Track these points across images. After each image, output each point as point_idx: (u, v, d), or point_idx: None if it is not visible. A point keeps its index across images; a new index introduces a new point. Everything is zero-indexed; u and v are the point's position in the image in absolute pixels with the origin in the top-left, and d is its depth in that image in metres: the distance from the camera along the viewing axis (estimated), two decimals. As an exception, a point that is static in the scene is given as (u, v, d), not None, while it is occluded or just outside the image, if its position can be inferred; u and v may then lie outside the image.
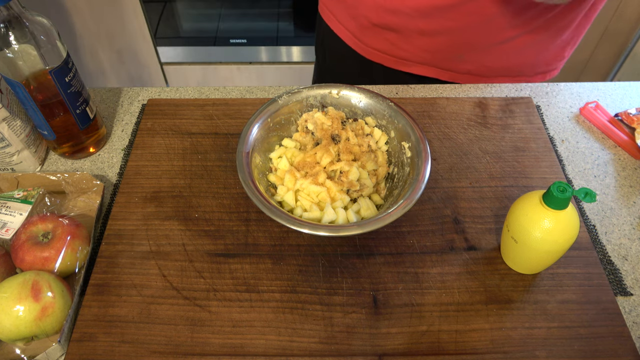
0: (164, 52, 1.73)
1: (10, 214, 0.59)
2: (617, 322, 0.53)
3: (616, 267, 0.58)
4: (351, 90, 0.65)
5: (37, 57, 0.59)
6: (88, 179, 0.64)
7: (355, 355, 0.51)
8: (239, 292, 0.56)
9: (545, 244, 0.51)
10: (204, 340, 0.52)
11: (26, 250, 0.54)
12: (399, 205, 0.53)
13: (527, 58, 0.79)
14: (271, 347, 0.52)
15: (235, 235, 0.60)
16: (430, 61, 0.81)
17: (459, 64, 0.80)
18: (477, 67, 0.80)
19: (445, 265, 0.58)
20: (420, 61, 0.82)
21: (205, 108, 0.75)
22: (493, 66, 0.80)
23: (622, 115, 0.73)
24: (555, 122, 0.75)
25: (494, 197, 0.64)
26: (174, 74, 1.80)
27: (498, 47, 0.76)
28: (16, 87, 0.59)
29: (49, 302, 0.50)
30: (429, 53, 0.80)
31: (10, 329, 0.49)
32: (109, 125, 0.75)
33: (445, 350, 0.51)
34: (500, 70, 0.81)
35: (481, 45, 0.76)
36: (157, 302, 0.55)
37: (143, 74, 1.81)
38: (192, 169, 0.67)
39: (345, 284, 0.56)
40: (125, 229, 0.61)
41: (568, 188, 0.48)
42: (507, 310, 0.54)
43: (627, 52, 1.72)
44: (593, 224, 0.62)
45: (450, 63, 0.81)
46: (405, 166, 0.60)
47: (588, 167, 0.69)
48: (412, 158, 0.59)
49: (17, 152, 0.66)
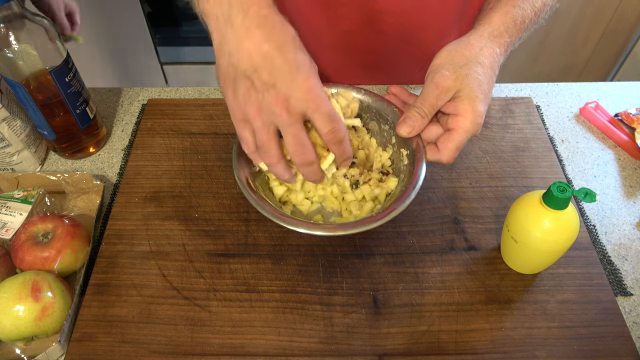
0: (164, 52, 1.73)
1: (10, 214, 0.59)
2: (617, 322, 0.53)
3: (616, 267, 0.58)
4: (357, 93, 0.63)
5: (37, 57, 0.59)
6: (88, 179, 0.64)
7: (355, 355, 0.51)
8: (239, 292, 0.56)
9: (545, 244, 0.51)
10: (204, 340, 0.52)
11: (26, 250, 0.54)
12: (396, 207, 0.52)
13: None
14: (271, 347, 0.52)
15: (235, 235, 0.60)
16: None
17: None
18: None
19: (445, 265, 0.58)
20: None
21: (205, 108, 0.75)
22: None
23: (622, 115, 0.73)
24: (555, 122, 0.75)
25: (494, 197, 0.64)
26: (174, 74, 1.80)
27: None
28: (16, 87, 0.59)
29: (49, 302, 0.50)
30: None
31: (10, 329, 0.49)
32: (109, 125, 0.75)
33: (445, 350, 0.51)
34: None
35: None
36: (157, 302, 0.55)
37: (143, 74, 1.81)
38: (192, 169, 0.67)
39: (345, 284, 0.56)
40: (125, 229, 0.61)
41: (568, 188, 0.48)
42: (507, 310, 0.54)
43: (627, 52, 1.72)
44: (593, 224, 0.62)
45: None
46: (401, 173, 0.59)
47: (588, 167, 0.69)
48: (408, 166, 0.58)
49: (17, 152, 0.66)
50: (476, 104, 0.53)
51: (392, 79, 0.82)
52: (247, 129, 0.48)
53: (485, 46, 0.54)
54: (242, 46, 0.44)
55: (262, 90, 0.45)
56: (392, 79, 0.82)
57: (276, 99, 0.44)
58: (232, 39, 0.44)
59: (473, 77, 0.53)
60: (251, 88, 0.45)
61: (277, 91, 0.44)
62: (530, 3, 0.58)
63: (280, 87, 0.44)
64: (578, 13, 1.62)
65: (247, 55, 0.44)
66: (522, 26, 0.57)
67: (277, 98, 0.44)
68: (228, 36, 0.45)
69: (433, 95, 0.53)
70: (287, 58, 0.44)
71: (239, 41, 0.44)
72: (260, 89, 0.45)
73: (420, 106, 0.54)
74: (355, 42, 0.76)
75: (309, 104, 0.45)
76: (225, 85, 0.47)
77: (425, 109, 0.54)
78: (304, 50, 0.46)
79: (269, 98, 0.44)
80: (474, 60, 0.53)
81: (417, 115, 0.54)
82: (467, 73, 0.53)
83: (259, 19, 0.44)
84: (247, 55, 0.44)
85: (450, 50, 0.54)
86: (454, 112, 0.54)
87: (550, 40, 1.70)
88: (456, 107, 0.53)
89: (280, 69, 0.44)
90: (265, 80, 0.44)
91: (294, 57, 0.44)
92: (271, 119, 0.46)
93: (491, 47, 0.55)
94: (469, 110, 0.52)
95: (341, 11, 0.72)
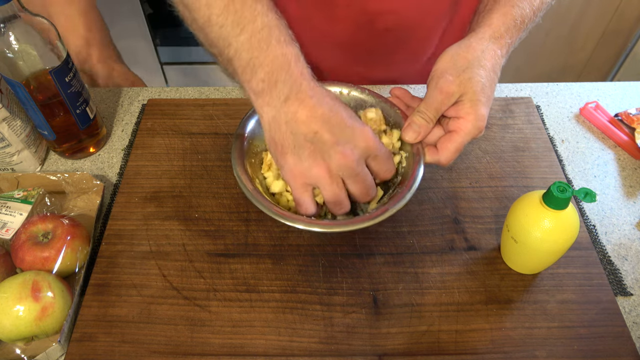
0: (164, 52, 1.73)
1: (10, 214, 0.59)
2: (617, 322, 0.53)
3: (616, 267, 0.58)
4: (361, 93, 0.63)
5: (37, 57, 0.59)
6: (88, 179, 0.64)
7: (355, 355, 0.51)
8: (239, 292, 0.56)
9: (545, 244, 0.51)
10: (204, 340, 0.52)
11: (26, 250, 0.54)
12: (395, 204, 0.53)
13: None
14: (271, 347, 0.52)
15: (235, 235, 0.60)
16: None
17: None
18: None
19: (445, 265, 0.58)
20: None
21: (205, 108, 0.75)
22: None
23: (622, 115, 0.73)
24: (555, 122, 0.75)
25: (494, 197, 0.64)
26: (174, 74, 1.80)
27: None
28: (16, 87, 0.59)
29: (49, 302, 0.50)
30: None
31: (10, 329, 0.49)
32: (109, 125, 0.75)
33: (445, 351, 0.51)
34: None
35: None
36: (157, 302, 0.55)
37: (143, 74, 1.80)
38: (192, 169, 0.67)
39: (345, 284, 0.56)
40: (125, 229, 0.61)
41: (568, 188, 0.48)
42: (507, 310, 0.54)
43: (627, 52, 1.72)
44: (593, 224, 0.62)
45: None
46: (398, 175, 0.59)
47: (588, 167, 0.69)
48: (407, 168, 0.57)
49: (17, 152, 0.66)
50: (479, 107, 0.53)
51: (387, 76, 0.83)
52: (307, 192, 0.52)
53: (486, 49, 0.55)
54: (299, 115, 0.48)
55: (328, 149, 0.48)
56: (386, 75, 0.83)
57: (342, 154, 0.48)
58: (289, 110, 0.48)
59: (476, 80, 0.53)
60: (315, 151, 0.49)
61: (343, 147, 0.48)
62: (529, 2, 0.58)
63: (344, 142, 0.48)
64: (578, 13, 1.62)
65: (306, 122, 0.48)
66: (522, 26, 0.58)
67: (344, 153, 0.48)
68: (283, 110, 0.48)
69: (437, 100, 0.54)
70: (341, 116, 0.49)
71: (295, 111, 0.48)
72: (324, 149, 0.48)
73: (424, 111, 0.55)
74: (353, 41, 0.77)
75: (370, 151, 0.50)
76: (284, 154, 0.50)
77: (429, 114, 0.54)
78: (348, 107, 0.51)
79: (336, 155, 0.49)
80: (476, 63, 0.54)
81: (422, 120, 0.55)
82: (470, 77, 0.53)
83: (310, 92, 0.48)
84: (305, 121, 0.48)
85: (452, 54, 0.55)
86: (456, 115, 0.54)
87: (550, 40, 1.70)
88: (459, 110, 0.54)
89: (339, 126, 0.48)
90: (328, 140, 0.48)
91: (345, 115, 0.49)
92: (339, 174, 0.50)
93: (492, 49, 0.55)
94: (472, 114, 0.53)
95: (339, 12, 0.73)
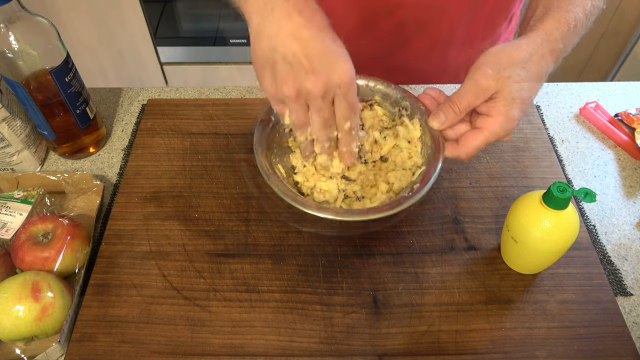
0: (164, 52, 1.72)
1: (10, 214, 0.59)
2: (617, 322, 0.53)
3: (616, 267, 0.58)
4: (387, 87, 0.62)
5: (37, 57, 0.59)
6: (88, 179, 0.64)
7: (355, 355, 0.51)
8: (239, 292, 0.56)
9: (545, 244, 0.51)
10: (204, 340, 0.52)
11: (26, 250, 0.54)
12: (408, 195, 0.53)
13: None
14: (271, 347, 0.52)
15: (235, 235, 0.60)
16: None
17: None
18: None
19: (445, 265, 0.58)
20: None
21: (205, 108, 0.75)
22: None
23: (622, 115, 0.73)
24: (555, 122, 0.75)
25: (494, 197, 0.64)
26: (174, 74, 1.80)
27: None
28: (16, 87, 0.59)
29: (49, 302, 0.50)
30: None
31: (10, 329, 0.49)
32: (109, 125, 0.75)
33: (445, 351, 0.51)
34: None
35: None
36: (157, 302, 0.55)
37: (143, 74, 1.81)
38: (192, 169, 0.67)
39: (345, 284, 0.56)
40: (125, 229, 0.61)
41: (568, 188, 0.48)
42: (507, 310, 0.54)
43: (627, 52, 1.72)
44: (593, 224, 0.62)
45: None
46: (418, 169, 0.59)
47: (588, 167, 0.69)
48: (425, 162, 0.58)
49: (17, 152, 0.66)
50: (511, 108, 0.51)
51: (404, 63, 0.81)
52: (283, 107, 0.51)
53: (535, 52, 0.52)
54: (283, 30, 0.45)
55: (301, 75, 0.46)
56: (404, 62, 0.81)
57: (314, 84, 0.47)
58: (273, 22, 0.46)
59: (515, 80, 0.51)
60: (290, 72, 0.47)
61: (316, 77, 0.46)
62: (582, 6, 0.56)
63: (319, 72, 0.46)
64: (578, 13, 1.62)
65: (288, 40, 0.45)
66: (576, 31, 0.56)
67: (315, 83, 0.47)
68: (269, 19, 0.46)
69: (471, 92, 0.52)
70: (325, 45, 0.46)
71: (280, 25, 0.45)
72: (298, 73, 0.46)
73: (456, 102, 0.53)
74: (374, 35, 0.76)
75: (341, 90, 0.48)
76: (262, 67, 0.49)
77: (460, 106, 0.53)
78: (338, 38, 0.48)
79: (307, 83, 0.47)
80: (520, 63, 0.51)
81: (450, 111, 0.53)
82: (509, 75, 0.51)
83: (300, 5, 0.46)
84: (287, 39, 0.45)
85: (498, 49, 0.53)
86: (486, 113, 0.52)
87: (550, 40, 1.70)
88: (490, 108, 0.52)
89: (319, 55, 0.46)
90: (305, 66, 0.46)
91: (331, 44, 0.47)
92: (306, 101, 0.49)
93: (541, 53, 0.53)
94: (502, 114, 0.51)
95: (361, 4, 0.72)
